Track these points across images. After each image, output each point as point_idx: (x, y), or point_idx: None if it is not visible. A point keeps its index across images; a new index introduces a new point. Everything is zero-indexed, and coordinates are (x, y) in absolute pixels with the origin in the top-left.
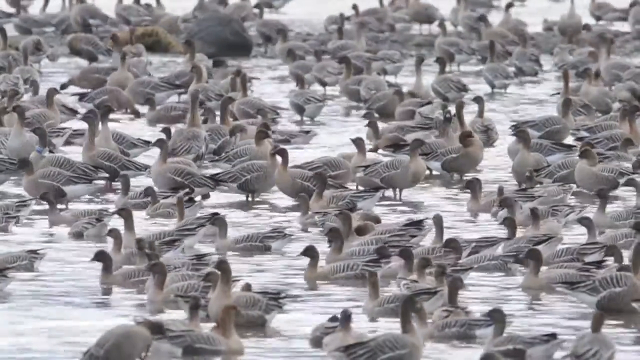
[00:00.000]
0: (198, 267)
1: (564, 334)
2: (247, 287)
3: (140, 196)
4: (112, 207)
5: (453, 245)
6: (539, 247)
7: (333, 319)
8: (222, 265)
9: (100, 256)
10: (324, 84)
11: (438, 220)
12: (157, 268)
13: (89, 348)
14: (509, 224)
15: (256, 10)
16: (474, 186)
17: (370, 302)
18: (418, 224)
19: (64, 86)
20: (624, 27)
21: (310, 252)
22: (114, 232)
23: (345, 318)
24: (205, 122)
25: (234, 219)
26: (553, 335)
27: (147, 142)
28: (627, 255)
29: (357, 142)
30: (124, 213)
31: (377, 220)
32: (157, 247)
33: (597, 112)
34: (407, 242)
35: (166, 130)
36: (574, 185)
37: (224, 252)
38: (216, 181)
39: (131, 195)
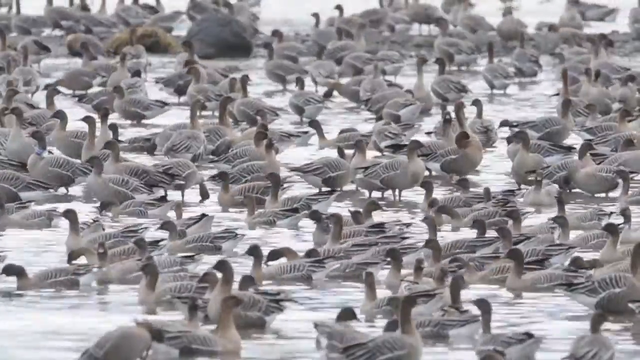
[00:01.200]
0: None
1: (559, 334)
2: (249, 280)
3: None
4: (61, 208)
5: (432, 246)
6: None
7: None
8: (223, 266)
9: (9, 271)
10: (316, 83)
11: (430, 222)
12: (148, 269)
13: (87, 348)
14: (479, 225)
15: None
16: (429, 186)
17: (367, 303)
18: (380, 226)
19: (49, 86)
20: (602, 27)
21: (255, 251)
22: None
23: (348, 315)
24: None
25: (230, 219)
26: (529, 335)
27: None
28: (594, 255)
29: (357, 143)
30: (70, 215)
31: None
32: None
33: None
34: (396, 242)
35: (113, 127)
36: (557, 186)
37: (174, 253)
38: (172, 176)
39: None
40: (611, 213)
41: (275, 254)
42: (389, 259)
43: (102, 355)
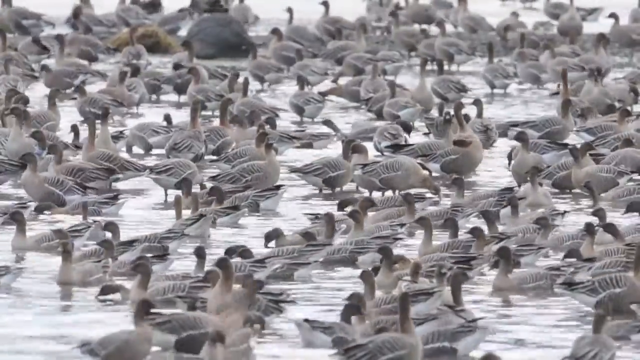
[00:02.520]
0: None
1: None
2: (254, 281)
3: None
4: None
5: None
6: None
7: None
8: (224, 263)
9: None
10: (307, 83)
11: (426, 222)
12: (140, 268)
13: (90, 341)
14: (451, 225)
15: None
16: (336, 189)
17: (366, 303)
18: None
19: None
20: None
21: (199, 251)
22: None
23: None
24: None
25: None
26: (475, 321)
27: None
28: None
29: (354, 144)
30: (17, 216)
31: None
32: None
33: (597, 113)
34: (391, 243)
35: (74, 128)
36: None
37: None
38: (110, 171)
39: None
40: (565, 212)
41: (231, 251)
42: (314, 261)
43: (103, 355)
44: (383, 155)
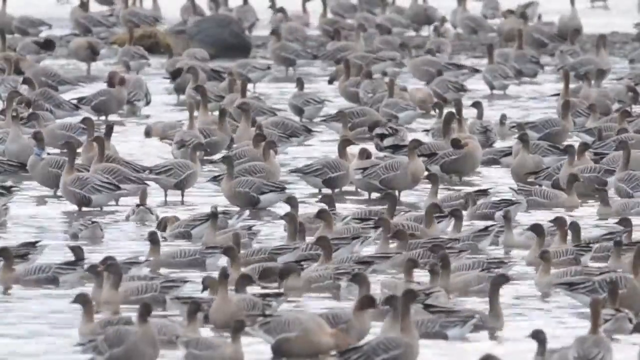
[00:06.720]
0: None
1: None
2: (248, 280)
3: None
4: None
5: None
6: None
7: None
8: (224, 272)
9: None
10: (248, 80)
11: (384, 223)
12: (112, 269)
13: (95, 339)
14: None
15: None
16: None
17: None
18: (250, 229)
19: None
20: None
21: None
22: None
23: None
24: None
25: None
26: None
27: None
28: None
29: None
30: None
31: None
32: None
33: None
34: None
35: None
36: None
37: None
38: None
39: None
40: (449, 214)
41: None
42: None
43: (108, 356)
44: (385, 157)
